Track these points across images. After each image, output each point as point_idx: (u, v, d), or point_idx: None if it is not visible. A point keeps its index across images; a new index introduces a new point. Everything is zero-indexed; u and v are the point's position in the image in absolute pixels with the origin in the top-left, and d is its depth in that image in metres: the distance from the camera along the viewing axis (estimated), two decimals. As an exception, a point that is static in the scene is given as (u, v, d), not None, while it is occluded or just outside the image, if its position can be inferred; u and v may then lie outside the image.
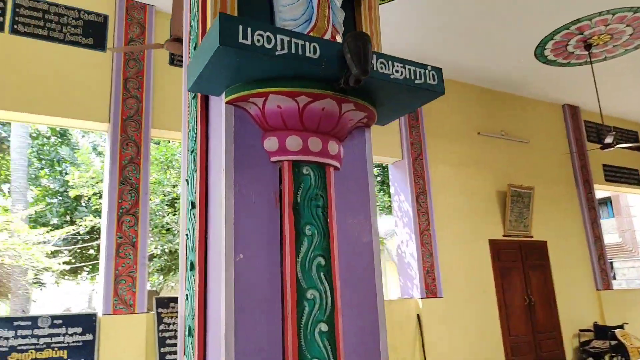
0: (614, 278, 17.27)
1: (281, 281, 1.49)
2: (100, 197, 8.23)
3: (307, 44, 1.45)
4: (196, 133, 1.72)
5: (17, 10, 4.80)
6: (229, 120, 1.56)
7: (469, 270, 6.85)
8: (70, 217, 8.80)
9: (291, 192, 1.57)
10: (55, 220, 8.78)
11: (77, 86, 4.90)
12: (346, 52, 1.44)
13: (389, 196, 8.94)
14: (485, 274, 6.99)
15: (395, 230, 7.13)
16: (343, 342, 1.51)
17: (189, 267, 1.64)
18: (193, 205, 1.67)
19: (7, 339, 3.60)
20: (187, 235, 1.70)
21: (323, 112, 1.60)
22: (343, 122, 1.67)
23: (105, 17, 5.27)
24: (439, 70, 1.70)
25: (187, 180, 1.77)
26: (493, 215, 7.42)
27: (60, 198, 8.99)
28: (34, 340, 3.69)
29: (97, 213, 8.50)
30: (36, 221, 8.35)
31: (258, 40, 1.37)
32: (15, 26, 4.76)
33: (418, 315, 6.14)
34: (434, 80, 1.68)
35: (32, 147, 9.80)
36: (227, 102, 1.57)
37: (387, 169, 7.75)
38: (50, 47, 4.89)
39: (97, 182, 8.03)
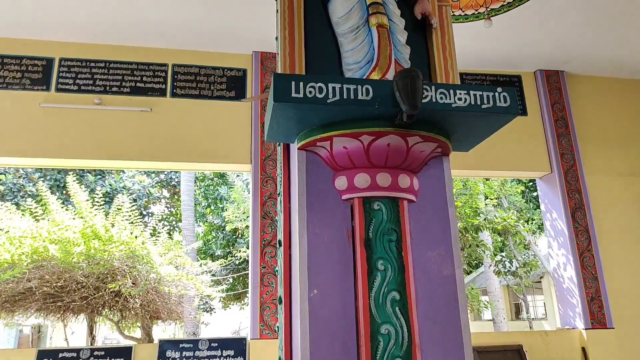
0: None
1: (355, 316, 1.54)
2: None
3: (359, 87, 1.53)
4: (282, 178, 1.90)
5: (175, 76, 5.73)
6: (301, 164, 1.70)
7: (648, 296, 5.81)
8: (231, 249, 9.92)
9: (362, 228, 1.63)
10: (219, 252, 10.00)
11: (223, 134, 5.60)
12: (395, 90, 1.47)
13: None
14: (670, 300, 5.85)
15: (549, 252, 6.45)
16: (421, 379, 1.48)
17: (278, 301, 1.79)
18: (280, 244, 1.83)
19: (174, 359, 4.24)
20: (276, 271, 1.86)
21: (389, 147, 1.64)
22: (413, 155, 1.68)
23: (244, 71, 5.97)
24: (511, 91, 1.61)
25: (275, 220, 1.94)
26: (676, 230, 6.21)
27: (223, 232, 10.23)
28: (196, 360, 4.27)
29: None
30: (205, 252, 9.62)
31: (310, 92, 1.49)
32: (175, 90, 5.69)
33: (583, 349, 5.40)
34: (505, 102, 1.60)
35: (200, 188, 11.38)
36: (299, 148, 1.72)
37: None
38: (201, 103, 5.70)
39: (247, 217, 8.90)
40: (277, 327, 1.78)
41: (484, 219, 8.68)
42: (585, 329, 5.49)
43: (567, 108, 6.47)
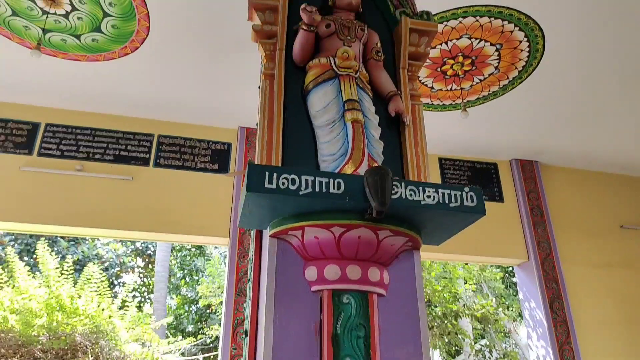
0: None
1: (316, 418, 1.46)
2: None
3: (331, 180, 1.57)
4: (252, 264, 1.88)
5: (160, 147, 5.81)
6: (272, 252, 1.69)
7: (629, 394, 5.66)
8: (203, 325, 9.51)
9: (330, 323, 1.59)
10: (190, 328, 9.59)
11: (203, 206, 5.58)
12: (365, 186, 1.52)
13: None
14: (651, 398, 5.71)
15: (529, 342, 6.33)
16: None
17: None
18: (246, 333, 1.77)
19: None
20: (239, 362, 1.79)
21: (360, 240, 1.65)
22: (383, 248, 1.69)
23: (229, 145, 6.08)
24: (477, 191, 1.66)
25: (243, 306, 1.89)
26: (653, 325, 6.19)
27: (196, 306, 9.87)
28: None
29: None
30: (176, 328, 9.21)
31: (283, 183, 1.52)
32: (158, 160, 5.74)
33: None
34: (472, 201, 1.65)
35: (176, 258, 11.12)
36: (270, 236, 1.72)
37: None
38: (183, 174, 5.73)
39: (221, 292, 8.65)
40: None
41: (463, 305, 8.57)
42: None
43: (542, 197, 6.66)
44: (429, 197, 1.61)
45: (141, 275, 12.01)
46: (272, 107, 1.90)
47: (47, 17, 4.14)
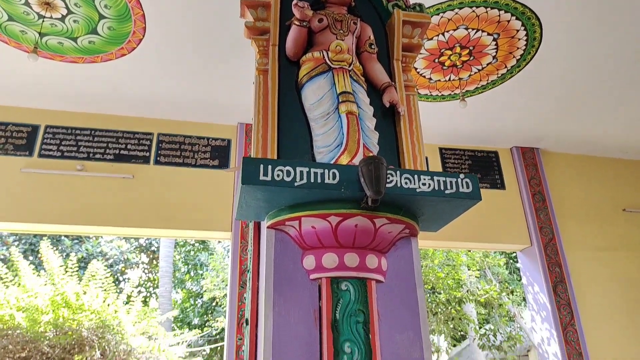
0: None
1: (318, 403, 1.50)
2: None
3: (326, 171, 1.59)
4: (251, 255, 1.91)
5: (160, 145, 5.83)
6: (270, 243, 1.72)
7: (632, 374, 5.70)
8: (209, 317, 9.63)
9: (329, 309, 1.62)
10: (196, 321, 9.70)
11: (205, 202, 5.62)
12: (360, 175, 1.54)
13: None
14: (655, 379, 5.75)
15: (533, 325, 6.37)
16: None
17: (242, 384, 1.74)
18: (247, 322, 1.81)
19: None
20: (243, 350, 1.82)
21: (357, 228, 1.68)
22: (380, 235, 1.71)
23: (229, 141, 6.10)
24: (473, 178, 1.68)
25: (244, 297, 1.93)
26: (656, 306, 6.22)
27: (201, 300, 9.97)
28: None
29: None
30: (182, 321, 9.31)
31: (278, 175, 1.54)
32: (158, 158, 5.76)
33: None
34: (467, 188, 1.67)
35: (180, 253, 11.20)
36: (268, 227, 1.75)
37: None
38: (184, 171, 5.75)
39: (226, 285, 8.74)
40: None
41: (467, 291, 8.62)
42: (571, 409, 5.31)
43: (543, 183, 6.67)
44: (424, 184, 1.63)
45: (146, 271, 12.11)
46: (266, 102, 1.91)
47: (43, 21, 4.15)
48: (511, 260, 11.28)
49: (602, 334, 5.87)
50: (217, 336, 9.64)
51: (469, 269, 9.17)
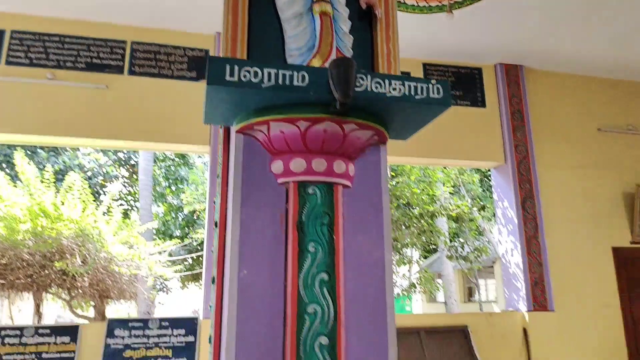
0: None
1: (284, 296, 1.59)
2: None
3: (295, 73, 1.55)
4: (221, 160, 1.91)
5: (134, 54, 5.59)
6: (238, 147, 1.72)
7: (588, 282, 6.15)
8: (190, 230, 9.90)
9: (296, 212, 1.67)
10: (177, 233, 9.97)
11: (182, 114, 5.51)
12: (329, 77, 1.51)
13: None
14: (608, 286, 6.22)
15: (499, 238, 6.71)
16: (345, 356, 1.55)
17: (211, 281, 1.83)
18: (216, 224, 1.86)
19: (122, 337, 4.23)
20: (212, 251, 1.89)
21: (325, 133, 1.68)
22: (349, 141, 1.72)
23: (207, 52, 5.86)
24: (444, 84, 1.67)
25: (214, 201, 1.96)
26: (618, 221, 6.57)
27: (182, 213, 10.16)
28: (144, 340, 4.27)
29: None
30: (164, 233, 9.58)
31: (245, 76, 1.50)
32: (133, 68, 5.55)
33: (524, 330, 5.69)
34: (438, 93, 1.66)
35: (160, 168, 11.20)
36: (237, 131, 1.74)
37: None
38: (160, 82, 5.58)
39: (205, 199, 8.88)
40: (210, 306, 1.82)
41: (440, 206, 8.94)
42: (528, 312, 5.77)
43: (524, 101, 6.69)
44: (394, 89, 1.62)
45: (126, 184, 12.15)
46: (236, 1, 1.82)
47: None
48: (485, 178, 11.61)
49: (564, 245, 6.23)
50: (198, 247, 10.00)
51: (444, 185, 9.43)
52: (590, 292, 6.11)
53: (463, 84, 6.63)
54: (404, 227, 8.99)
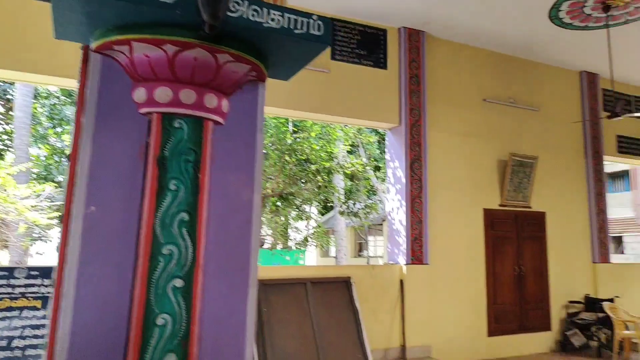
0: (622, 252, 16.88)
1: (137, 235, 1.46)
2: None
3: (159, -13, 1.37)
4: (78, 85, 1.68)
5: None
6: (95, 69, 1.52)
7: (460, 239, 6.74)
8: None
9: (158, 146, 1.52)
10: (60, 178, 9.08)
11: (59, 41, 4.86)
12: (198, -3, 1.35)
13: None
14: (476, 243, 6.87)
15: (387, 197, 7.05)
16: (201, 298, 1.48)
17: (59, 219, 1.64)
18: (68, 158, 1.65)
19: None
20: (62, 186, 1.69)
21: (196, 62, 1.53)
22: (223, 74, 1.59)
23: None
24: (326, 21, 1.59)
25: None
26: (492, 185, 7.22)
27: (66, 157, 9.22)
28: (9, 290, 3.87)
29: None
30: (46, 178, 8.66)
31: (97, -19, 1.29)
32: (-3, -22, 4.74)
33: (401, 281, 6.12)
34: (318, 30, 1.58)
35: (43, 106, 9.99)
36: (94, 50, 1.52)
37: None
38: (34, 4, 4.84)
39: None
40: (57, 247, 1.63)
41: (337, 163, 9.13)
42: (406, 265, 6.19)
43: (422, 67, 6.90)
44: (273, 20, 1.50)
45: (1, 122, 10.67)
46: None
47: None
48: (383, 141, 12.07)
49: (444, 205, 6.72)
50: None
51: (342, 144, 9.61)
52: (460, 248, 6.71)
53: (368, 45, 6.65)
54: (301, 183, 9.08)
